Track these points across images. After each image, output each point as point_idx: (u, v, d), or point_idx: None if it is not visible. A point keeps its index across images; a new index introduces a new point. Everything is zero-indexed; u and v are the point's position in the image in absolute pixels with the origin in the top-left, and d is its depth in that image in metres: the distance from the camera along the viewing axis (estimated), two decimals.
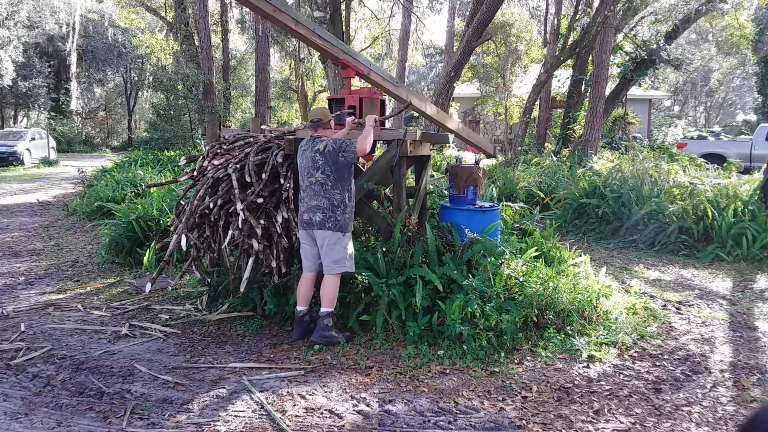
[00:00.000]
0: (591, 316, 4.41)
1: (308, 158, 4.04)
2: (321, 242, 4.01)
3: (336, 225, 3.97)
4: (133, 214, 6.63)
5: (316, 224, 3.98)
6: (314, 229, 4.00)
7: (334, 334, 4.03)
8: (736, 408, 3.22)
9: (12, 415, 3.04)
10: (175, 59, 20.39)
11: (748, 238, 6.75)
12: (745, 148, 15.52)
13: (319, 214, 3.98)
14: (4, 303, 4.99)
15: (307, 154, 4.05)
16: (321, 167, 3.99)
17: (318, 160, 3.99)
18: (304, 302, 4.13)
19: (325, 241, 3.98)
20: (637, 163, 9.07)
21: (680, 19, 15.48)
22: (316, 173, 4.00)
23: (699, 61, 30.59)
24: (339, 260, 3.98)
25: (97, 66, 33.90)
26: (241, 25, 25.74)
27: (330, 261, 3.98)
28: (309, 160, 4.03)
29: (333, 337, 4.02)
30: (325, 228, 3.96)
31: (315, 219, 3.98)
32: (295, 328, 4.15)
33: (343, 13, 11.54)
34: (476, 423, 3.01)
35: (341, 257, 4.00)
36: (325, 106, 4.56)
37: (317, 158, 4.00)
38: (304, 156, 4.08)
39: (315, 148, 4.03)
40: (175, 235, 4.53)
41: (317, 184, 4.00)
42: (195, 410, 3.12)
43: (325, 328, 4.00)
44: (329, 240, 3.97)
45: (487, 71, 20.06)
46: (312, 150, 4.04)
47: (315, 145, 4.05)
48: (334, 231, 3.97)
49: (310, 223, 4.01)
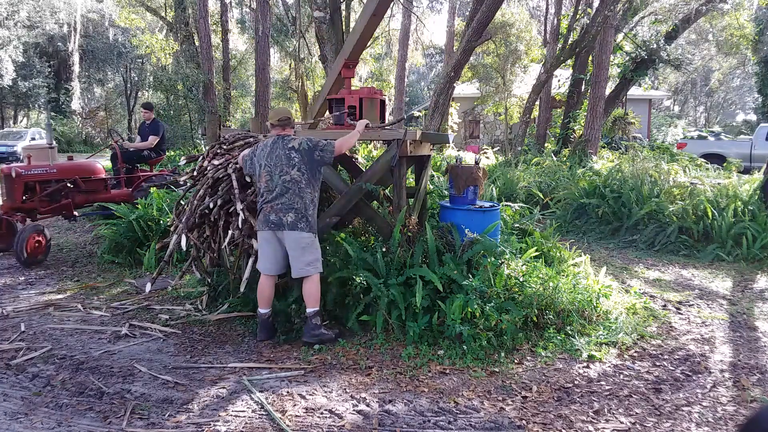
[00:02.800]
0: (591, 316, 4.41)
1: (281, 156, 3.99)
2: (293, 245, 3.95)
3: (308, 226, 3.96)
4: (133, 214, 6.63)
5: (287, 225, 3.92)
6: (284, 230, 3.93)
7: (324, 332, 4.05)
8: (736, 408, 3.22)
9: (12, 415, 3.04)
10: (175, 59, 20.38)
11: (748, 238, 6.75)
12: (745, 148, 15.52)
13: (291, 215, 3.92)
14: (4, 303, 4.99)
15: (279, 152, 4.00)
16: (297, 164, 3.97)
17: (294, 157, 3.97)
18: (266, 304, 4.14)
19: (299, 245, 3.94)
20: (637, 163, 9.07)
21: (680, 19, 15.48)
22: (291, 171, 3.96)
23: (699, 61, 30.59)
24: (313, 262, 3.99)
25: (97, 66, 33.92)
26: (241, 25, 25.75)
27: (305, 264, 3.97)
28: (283, 158, 3.98)
29: (324, 335, 4.04)
30: (298, 229, 3.92)
31: (286, 219, 3.92)
32: (261, 330, 4.15)
33: (343, 13, 11.53)
34: (476, 423, 3.01)
35: (315, 258, 4.00)
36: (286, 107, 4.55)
37: (293, 155, 3.98)
38: (273, 154, 4.01)
39: (289, 146, 4.01)
40: (175, 235, 4.53)
41: (292, 182, 3.95)
42: (195, 410, 3.12)
43: (315, 327, 4.02)
44: (303, 243, 3.94)
45: (487, 71, 20.06)
46: (285, 147, 4.01)
47: (287, 142, 4.03)
48: (308, 232, 3.96)
49: (279, 224, 3.93)
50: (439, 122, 12.43)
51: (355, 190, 4.64)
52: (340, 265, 4.41)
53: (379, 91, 4.97)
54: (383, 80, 25.54)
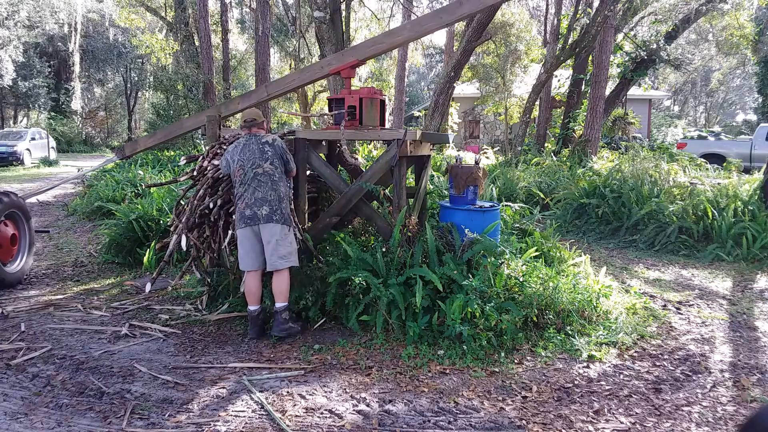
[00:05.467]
0: (591, 316, 4.41)
1: (254, 150, 4.11)
2: (268, 238, 4.02)
3: (282, 218, 4.03)
4: (133, 214, 6.63)
5: (262, 218, 4.00)
6: (260, 223, 4.01)
7: (292, 325, 4.13)
8: (736, 408, 3.22)
9: (12, 415, 3.04)
10: (175, 59, 20.40)
11: (748, 238, 6.75)
12: (745, 148, 15.52)
13: (265, 207, 4.00)
14: (4, 303, 4.99)
15: (253, 147, 4.13)
16: (270, 158, 4.10)
17: (267, 151, 4.11)
18: (255, 301, 4.17)
19: (274, 237, 4.01)
20: (637, 163, 9.07)
21: (680, 19, 15.49)
22: (264, 164, 4.08)
23: (699, 61, 30.58)
24: (286, 255, 4.05)
25: (98, 66, 33.94)
26: (241, 25, 25.75)
27: (278, 257, 4.02)
28: (256, 152, 4.10)
29: (292, 329, 4.12)
30: (273, 221, 4.00)
31: (261, 213, 4.00)
32: (251, 328, 4.19)
33: (343, 13, 11.53)
34: (476, 423, 3.01)
35: (288, 252, 4.06)
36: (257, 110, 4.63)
37: (266, 149, 4.11)
38: (247, 149, 4.13)
39: (263, 141, 4.16)
40: (175, 235, 4.53)
41: (265, 175, 4.06)
42: (195, 410, 3.12)
43: (284, 322, 4.08)
44: (278, 235, 4.01)
45: (487, 71, 20.04)
46: (259, 142, 4.15)
47: (261, 138, 4.19)
48: (282, 224, 4.03)
49: (254, 218, 4.01)
50: (439, 122, 12.44)
51: (355, 190, 4.64)
52: (339, 265, 4.42)
53: (379, 91, 4.97)
54: (383, 80, 25.54)
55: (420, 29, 5.02)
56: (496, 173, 10.49)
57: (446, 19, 4.92)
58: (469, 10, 4.95)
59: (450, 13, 4.87)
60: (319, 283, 4.44)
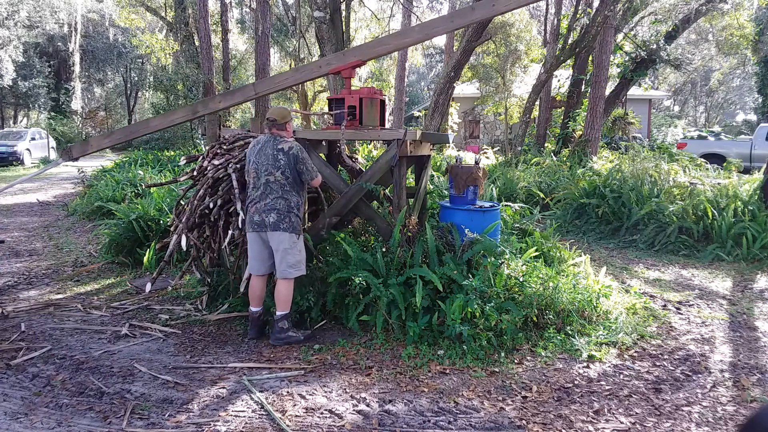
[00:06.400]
0: (591, 316, 4.41)
1: (269, 156, 3.96)
2: (276, 246, 3.97)
3: (290, 226, 3.95)
4: (133, 214, 6.63)
5: (269, 226, 3.93)
6: (267, 231, 3.95)
7: (292, 334, 4.06)
8: (736, 408, 3.22)
9: (12, 415, 3.04)
10: (175, 59, 20.40)
11: (748, 238, 6.75)
12: (745, 148, 15.52)
13: (273, 215, 3.92)
14: (4, 303, 4.99)
15: (268, 152, 3.97)
16: (282, 167, 3.94)
17: (281, 159, 3.94)
18: (258, 303, 4.16)
19: (282, 246, 3.95)
20: (637, 163, 9.07)
21: (680, 19, 15.47)
22: (276, 172, 3.94)
23: (699, 61, 30.58)
24: (295, 264, 4.00)
25: (97, 66, 33.90)
26: (241, 25, 25.74)
27: (287, 266, 3.97)
28: (270, 158, 3.95)
29: (291, 337, 4.05)
30: (280, 230, 3.92)
31: (268, 220, 3.93)
32: (251, 328, 4.19)
33: (343, 13, 11.53)
34: (476, 423, 3.01)
35: (297, 261, 4.01)
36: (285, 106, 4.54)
37: (280, 157, 3.95)
38: (263, 153, 3.98)
39: (278, 147, 3.97)
40: (175, 235, 4.54)
41: (276, 183, 3.95)
42: (195, 410, 3.12)
43: (281, 331, 4.03)
44: (286, 244, 3.95)
45: (487, 71, 20.02)
46: (274, 148, 3.97)
47: (277, 143, 3.99)
48: (290, 233, 3.95)
49: (261, 225, 3.95)
50: (439, 122, 12.44)
51: (355, 189, 4.64)
52: (339, 265, 4.42)
53: (379, 91, 4.96)
54: (383, 80, 25.55)
55: (430, 32, 4.98)
56: (496, 173, 10.49)
57: (458, 23, 4.91)
58: (481, 16, 4.92)
59: (462, 17, 4.87)
60: (320, 283, 4.44)
